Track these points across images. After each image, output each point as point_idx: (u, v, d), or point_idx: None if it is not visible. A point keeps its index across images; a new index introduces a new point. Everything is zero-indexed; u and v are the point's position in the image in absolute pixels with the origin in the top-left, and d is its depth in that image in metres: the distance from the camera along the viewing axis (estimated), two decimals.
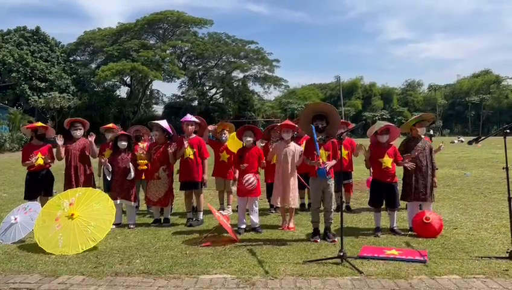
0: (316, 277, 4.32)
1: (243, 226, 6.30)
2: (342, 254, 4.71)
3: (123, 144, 6.80)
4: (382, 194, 6.12)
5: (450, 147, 28.49)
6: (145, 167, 7.09)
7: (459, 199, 8.69)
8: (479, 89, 69.96)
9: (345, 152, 7.49)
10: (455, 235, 5.85)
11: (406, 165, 6.06)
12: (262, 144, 7.75)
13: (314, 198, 5.91)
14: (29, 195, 6.72)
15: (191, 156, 6.74)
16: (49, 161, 6.85)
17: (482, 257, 4.83)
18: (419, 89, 77.49)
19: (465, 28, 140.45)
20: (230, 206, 7.70)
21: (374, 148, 6.27)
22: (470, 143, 5.67)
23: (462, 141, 35.62)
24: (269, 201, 7.60)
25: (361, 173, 9.80)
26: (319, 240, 5.67)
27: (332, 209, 5.79)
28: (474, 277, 4.26)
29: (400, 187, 6.38)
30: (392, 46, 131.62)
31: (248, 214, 6.40)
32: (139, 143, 7.58)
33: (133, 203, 6.82)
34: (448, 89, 76.15)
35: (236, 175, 7.27)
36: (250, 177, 6.15)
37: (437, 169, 6.33)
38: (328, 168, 5.64)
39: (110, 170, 6.78)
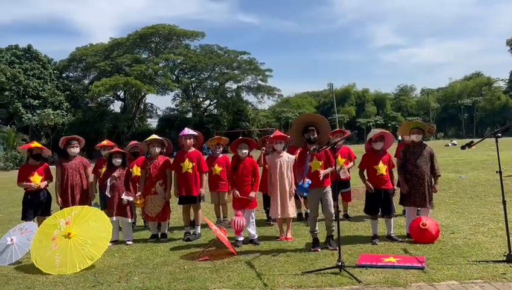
0: (314, 288, 4.32)
1: (241, 239, 6.30)
2: (340, 263, 4.71)
3: (118, 161, 6.79)
4: (377, 202, 6.14)
5: (445, 150, 28.61)
6: (142, 205, 6.87)
7: (455, 203, 8.73)
8: (471, 91, 70.50)
9: (342, 160, 7.53)
10: (452, 240, 5.87)
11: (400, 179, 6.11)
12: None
13: (311, 207, 5.93)
14: (27, 215, 6.66)
15: (190, 170, 6.74)
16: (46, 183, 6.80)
17: (479, 261, 4.85)
18: (412, 93, 77.97)
19: (454, 32, 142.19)
20: (226, 219, 7.69)
21: (368, 155, 6.31)
22: (463, 148, 5.70)
23: (455, 144, 35.76)
24: (266, 212, 7.63)
25: (358, 181, 9.78)
26: (319, 250, 5.67)
27: (333, 217, 5.80)
28: (472, 282, 4.27)
29: (398, 192, 6.42)
30: (383, 52, 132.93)
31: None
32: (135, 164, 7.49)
33: (129, 219, 6.79)
34: (440, 92, 76.67)
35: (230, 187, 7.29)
36: (237, 220, 6.09)
37: (439, 176, 6.31)
38: (306, 184, 5.67)
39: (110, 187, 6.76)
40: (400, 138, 7.82)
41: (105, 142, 7.84)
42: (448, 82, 79.00)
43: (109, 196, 6.73)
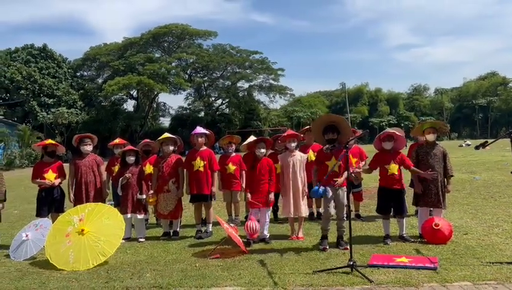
0: (325, 287, 4.32)
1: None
2: (351, 263, 4.70)
3: (131, 159, 6.87)
4: (389, 201, 6.10)
5: (459, 150, 28.27)
6: (154, 203, 6.95)
7: (469, 204, 8.63)
8: (486, 91, 69.48)
9: (353, 160, 7.50)
10: (465, 241, 5.81)
11: (425, 176, 6.01)
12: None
13: (326, 206, 5.92)
14: (41, 212, 6.77)
15: (201, 168, 6.78)
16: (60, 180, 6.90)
17: (493, 263, 4.80)
18: (426, 93, 77.13)
19: (469, 31, 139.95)
20: (238, 217, 7.72)
21: (379, 154, 6.27)
22: (476, 148, 5.62)
23: (469, 145, 35.30)
24: (273, 211, 7.65)
25: (370, 181, 9.76)
26: (327, 247, 5.66)
27: (344, 218, 5.79)
28: (485, 283, 4.23)
29: (410, 193, 6.36)
30: (396, 52, 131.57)
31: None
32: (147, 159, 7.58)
33: (142, 215, 6.86)
34: (454, 92, 75.70)
35: (243, 185, 7.32)
36: (250, 224, 6.12)
37: (452, 176, 6.25)
38: (321, 190, 5.67)
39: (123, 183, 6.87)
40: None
41: (117, 140, 7.93)
42: (463, 82, 77.97)
43: (119, 194, 6.81)
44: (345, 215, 5.82)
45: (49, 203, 6.80)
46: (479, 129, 67.38)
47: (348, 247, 5.59)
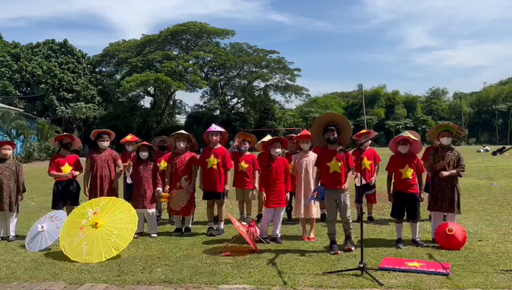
0: (335, 289, 4.31)
1: (265, 236, 6.34)
2: (362, 265, 4.67)
3: (144, 154, 6.93)
4: (403, 205, 6.05)
5: (477, 156, 27.80)
6: (166, 200, 6.97)
7: (485, 210, 8.49)
8: (506, 96, 68.02)
9: (367, 162, 7.46)
10: (480, 248, 5.72)
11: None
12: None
13: (329, 209, 5.89)
14: (57, 204, 6.89)
15: (215, 166, 6.82)
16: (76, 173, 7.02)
17: (507, 271, 4.72)
18: (444, 97, 75.94)
19: (490, 35, 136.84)
20: (250, 216, 7.73)
21: (395, 158, 6.22)
22: (494, 154, 5.53)
23: (487, 150, 34.65)
24: (286, 210, 7.65)
25: (384, 183, 9.66)
26: (339, 252, 5.63)
27: (349, 221, 5.76)
28: None
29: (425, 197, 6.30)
30: (415, 54, 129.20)
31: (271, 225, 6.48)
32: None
33: (154, 211, 6.93)
34: (474, 96, 74.35)
35: (256, 184, 7.33)
36: (251, 230, 6.14)
37: (461, 176, 6.14)
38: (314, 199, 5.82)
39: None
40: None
41: (129, 137, 8.03)
42: (483, 86, 76.55)
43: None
44: (350, 217, 5.78)
45: (65, 196, 6.92)
46: (498, 135, 66.09)
47: (352, 248, 5.61)
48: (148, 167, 6.93)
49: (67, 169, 6.91)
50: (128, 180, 7.04)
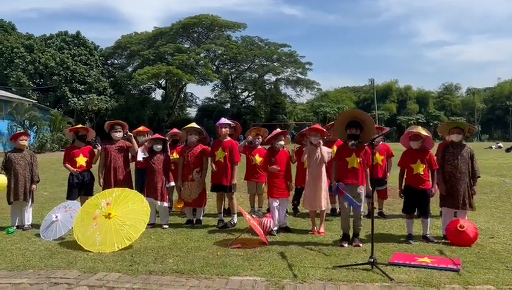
0: (345, 282, 4.33)
1: (276, 228, 6.39)
2: (372, 260, 4.69)
3: (158, 147, 7.00)
4: (414, 201, 6.03)
5: (489, 153, 27.48)
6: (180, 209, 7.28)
7: (497, 207, 8.43)
8: None
9: (380, 157, 7.44)
10: (491, 245, 5.69)
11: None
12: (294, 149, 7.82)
13: (342, 205, 5.91)
14: (71, 195, 7.00)
15: (221, 159, 6.85)
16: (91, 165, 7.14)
17: None
18: (457, 92, 74.98)
19: (505, 30, 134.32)
20: (261, 208, 7.77)
21: (407, 153, 6.20)
22: (507, 151, 5.51)
23: (500, 147, 34.17)
24: (293, 205, 7.72)
25: (396, 178, 9.66)
26: (346, 245, 5.66)
27: (361, 217, 5.78)
28: (509, 288, 4.15)
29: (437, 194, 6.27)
30: (428, 49, 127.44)
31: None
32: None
33: (166, 203, 7.00)
34: (488, 92, 73.33)
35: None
36: (265, 221, 6.19)
37: (479, 177, 6.14)
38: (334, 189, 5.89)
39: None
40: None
41: (141, 128, 8.11)
42: (497, 82, 75.38)
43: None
44: (362, 213, 5.80)
45: (79, 187, 7.03)
46: (511, 132, 65.22)
47: (360, 244, 5.62)
48: (160, 158, 7.00)
49: (81, 160, 7.02)
50: (140, 157, 7.16)
